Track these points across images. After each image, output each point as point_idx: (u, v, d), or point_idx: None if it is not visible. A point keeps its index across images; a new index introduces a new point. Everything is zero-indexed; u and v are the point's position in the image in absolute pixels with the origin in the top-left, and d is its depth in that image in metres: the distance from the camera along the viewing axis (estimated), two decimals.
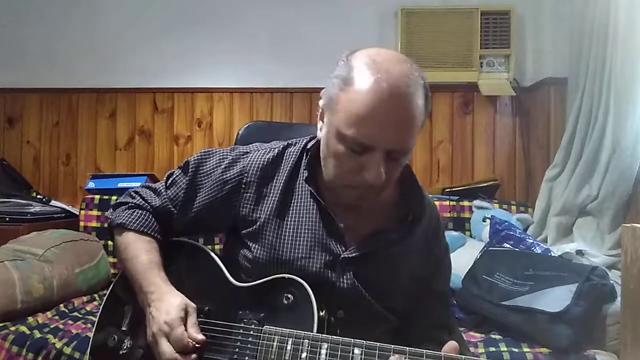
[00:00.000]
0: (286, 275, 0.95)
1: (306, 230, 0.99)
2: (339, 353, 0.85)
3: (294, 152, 1.05)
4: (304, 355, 0.86)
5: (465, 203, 2.34)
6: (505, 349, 1.53)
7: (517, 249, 1.88)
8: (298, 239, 0.99)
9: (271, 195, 1.02)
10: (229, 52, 2.74)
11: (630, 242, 1.42)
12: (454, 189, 2.46)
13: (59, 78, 2.83)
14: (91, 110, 2.84)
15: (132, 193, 1.12)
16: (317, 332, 0.88)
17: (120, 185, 2.53)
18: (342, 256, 0.98)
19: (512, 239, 1.93)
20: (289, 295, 0.93)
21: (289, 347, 0.88)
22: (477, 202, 2.29)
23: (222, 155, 1.06)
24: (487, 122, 2.65)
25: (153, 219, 1.07)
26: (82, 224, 2.49)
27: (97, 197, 2.51)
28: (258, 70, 2.65)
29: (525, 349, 1.53)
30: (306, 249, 0.98)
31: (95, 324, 1.08)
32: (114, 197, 2.49)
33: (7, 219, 2.36)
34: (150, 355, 0.95)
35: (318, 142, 0.99)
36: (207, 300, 0.99)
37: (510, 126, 2.64)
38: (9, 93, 2.88)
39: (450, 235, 2.24)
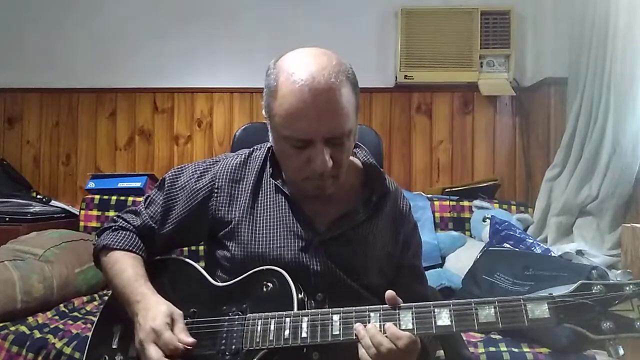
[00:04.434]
0: (263, 267, 1.00)
1: (277, 222, 1.05)
2: (319, 322, 0.90)
3: (259, 154, 1.13)
4: (286, 332, 0.90)
5: (465, 203, 2.35)
6: (505, 349, 1.53)
7: (517, 249, 1.88)
8: (271, 231, 1.05)
9: (242, 195, 1.09)
10: (229, 52, 2.74)
11: (630, 242, 1.43)
12: (454, 189, 2.46)
13: (59, 78, 2.83)
14: (91, 110, 2.85)
15: (115, 218, 1.17)
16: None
17: (120, 185, 2.53)
18: (314, 241, 1.03)
19: (512, 239, 1.93)
20: (268, 283, 0.98)
21: (272, 327, 0.92)
22: (477, 202, 2.30)
23: (194, 168, 1.14)
24: (487, 122, 2.65)
25: (137, 238, 1.11)
26: (82, 224, 2.50)
27: (97, 197, 2.51)
28: (258, 70, 2.60)
29: (525, 349, 1.53)
30: (279, 239, 1.04)
31: (87, 346, 1.10)
32: (113, 197, 2.49)
33: (7, 219, 2.36)
34: None
35: None
36: (192, 304, 1.02)
37: (510, 126, 2.64)
38: (9, 93, 2.88)
39: (450, 235, 2.25)
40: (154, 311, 0.96)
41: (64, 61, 2.84)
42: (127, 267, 1.05)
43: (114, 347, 1.05)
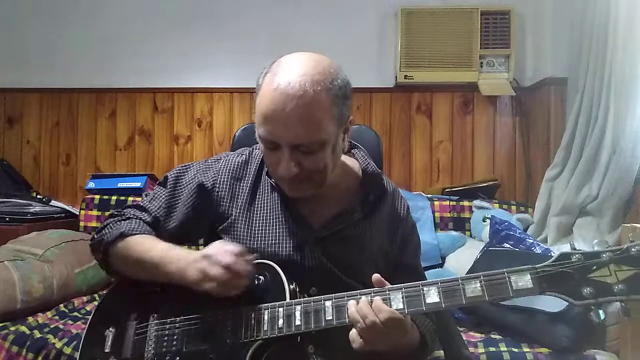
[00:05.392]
0: (254, 262, 0.99)
1: (273, 220, 1.07)
2: (312, 309, 0.91)
3: (258, 153, 1.14)
4: (280, 322, 0.92)
5: (465, 203, 2.35)
6: (505, 349, 1.53)
7: (517, 249, 1.88)
8: (267, 229, 1.06)
9: (242, 192, 1.10)
10: (229, 52, 2.74)
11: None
12: (454, 189, 2.46)
13: (59, 78, 2.83)
14: (91, 110, 2.85)
15: (117, 212, 1.14)
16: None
17: (120, 185, 2.53)
18: (310, 239, 1.04)
19: (512, 239, 1.93)
20: (260, 277, 0.98)
21: (266, 318, 0.93)
22: (477, 202, 2.30)
23: (197, 167, 1.15)
24: (487, 122, 2.65)
25: (151, 229, 1.10)
26: (82, 224, 2.50)
27: (97, 197, 2.52)
28: (258, 71, 2.62)
29: (525, 349, 1.53)
30: (275, 236, 1.05)
31: (79, 351, 1.10)
32: (113, 197, 2.50)
33: (7, 219, 2.37)
34: None
35: None
36: (184, 304, 1.02)
37: (510, 126, 2.64)
38: (9, 93, 2.89)
39: (450, 235, 2.24)
40: (195, 256, 0.97)
41: (64, 61, 2.84)
42: (156, 242, 1.04)
43: (106, 350, 1.05)
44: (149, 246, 1.03)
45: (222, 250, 0.94)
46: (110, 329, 1.07)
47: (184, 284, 0.97)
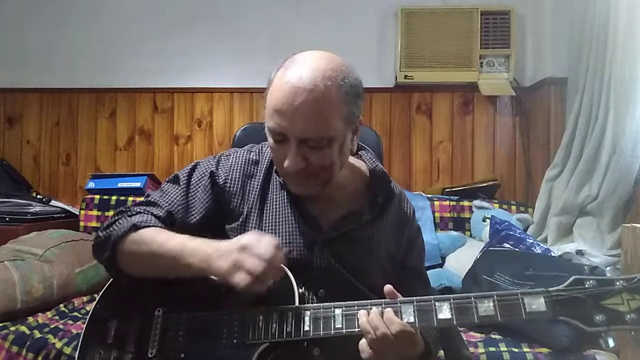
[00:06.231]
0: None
1: (284, 219, 1.06)
2: (322, 316, 0.91)
3: (269, 151, 1.12)
4: (289, 326, 0.91)
5: (465, 203, 2.35)
6: (505, 349, 1.53)
7: (517, 249, 1.88)
8: (277, 228, 1.05)
9: (252, 190, 1.09)
10: (229, 52, 2.74)
11: (630, 242, 1.43)
12: (454, 189, 2.46)
13: (59, 78, 2.83)
14: (91, 110, 2.85)
15: (125, 209, 1.08)
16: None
17: (120, 185, 2.53)
18: (319, 239, 1.04)
19: (512, 239, 1.93)
20: None
21: (274, 321, 0.93)
22: (477, 202, 2.30)
23: (208, 162, 1.14)
24: (487, 122, 2.65)
25: (163, 224, 1.05)
26: (82, 224, 2.50)
27: (97, 197, 2.52)
28: (258, 70, 2.62)
29: (525, 349, 1.53)
30: (286, 236, 1.04)
31: (80, 342, 1.08)
32: (113, 197, 2.50)
33: (7, 219, 2.37)
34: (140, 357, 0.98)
35: None
36: (192, 301, 1.00)
37: (510, 126, 2.64)
38: (9, 93, 2.89)
39: (450, 235, 2.25)
40: (227, 246, 0.92)
41: (64, 61, 2.84)
42: (172, 235, 0.99)
43: (109, 342, 1.03)
44: (165, 238, 0.97)
45: (262, 242, 0.89)
46: (113, 320, 1.05)
47: (207, 275, 0.93)
